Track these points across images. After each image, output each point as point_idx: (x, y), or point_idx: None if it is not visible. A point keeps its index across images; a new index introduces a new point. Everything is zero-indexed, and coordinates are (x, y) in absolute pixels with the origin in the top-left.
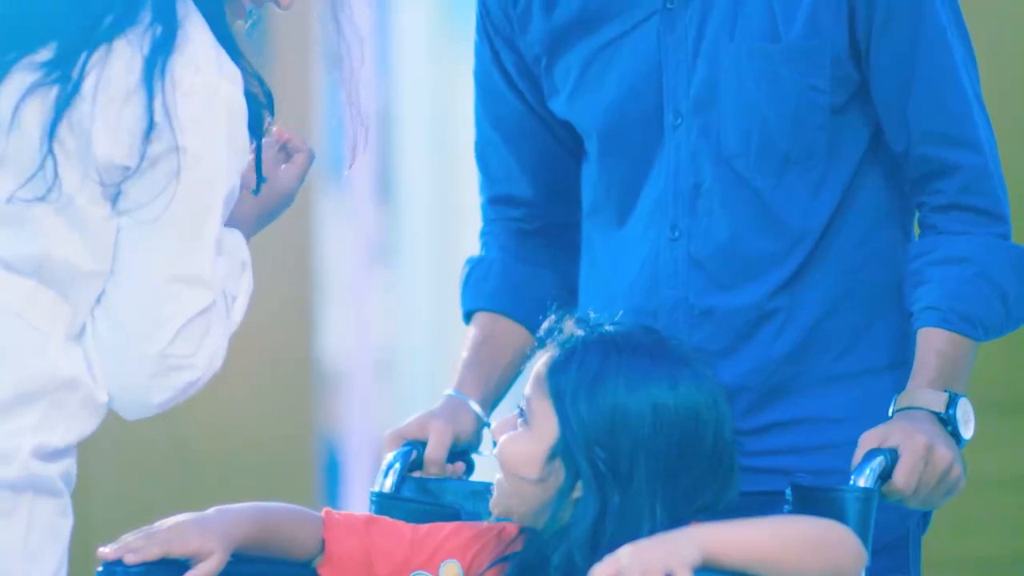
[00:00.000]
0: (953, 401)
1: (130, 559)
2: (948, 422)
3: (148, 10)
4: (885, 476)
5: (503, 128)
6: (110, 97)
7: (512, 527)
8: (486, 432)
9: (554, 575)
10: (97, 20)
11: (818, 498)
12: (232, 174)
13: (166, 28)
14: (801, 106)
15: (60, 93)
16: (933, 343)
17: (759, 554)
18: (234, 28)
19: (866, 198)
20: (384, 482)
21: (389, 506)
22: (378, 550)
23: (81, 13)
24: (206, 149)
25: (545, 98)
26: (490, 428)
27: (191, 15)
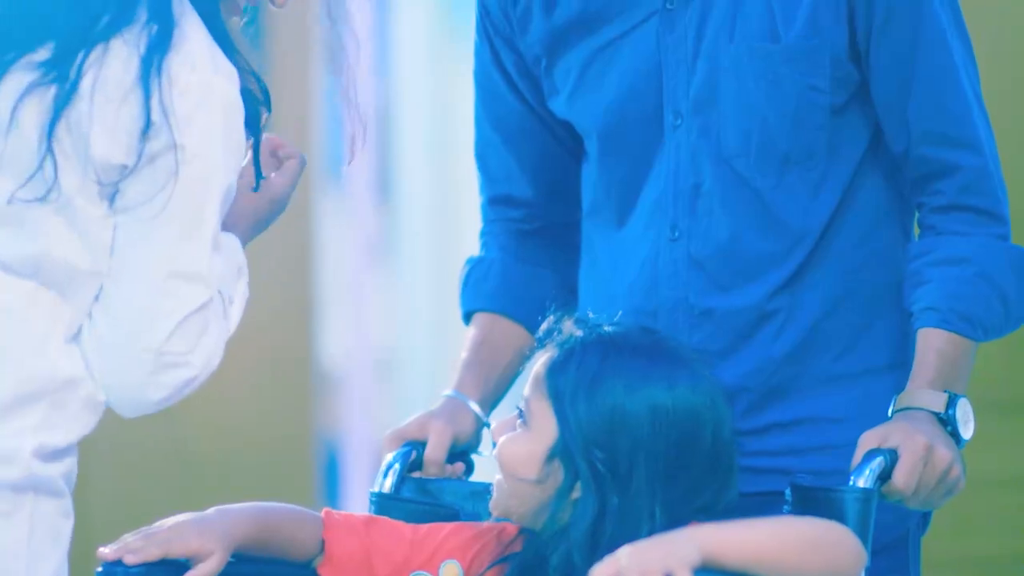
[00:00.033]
0: (953, 401)
1: (130, 559)
2: (948, 422)
3: (144, 9)
4: (885, 476)
5: (503, 128)
6: (107, 96)
7: (512, 527)
8: (486, 432)
9: (553, 575)
10: (94, 20)
11: (818, 498)
12: (229, 171)
13: (162, 27)
14: (801, 106)
15: (58, 93)
16: (933, 343)
17: (759, 554)
18: (230, 26)
19: (866, 198)
20: (384, 482)
21: (389, 506)
22: (378, 550)
23: (78, 13)
24: (202, 146)
25: (545, 98)
26: (489, 428)
27: (187, 13)
